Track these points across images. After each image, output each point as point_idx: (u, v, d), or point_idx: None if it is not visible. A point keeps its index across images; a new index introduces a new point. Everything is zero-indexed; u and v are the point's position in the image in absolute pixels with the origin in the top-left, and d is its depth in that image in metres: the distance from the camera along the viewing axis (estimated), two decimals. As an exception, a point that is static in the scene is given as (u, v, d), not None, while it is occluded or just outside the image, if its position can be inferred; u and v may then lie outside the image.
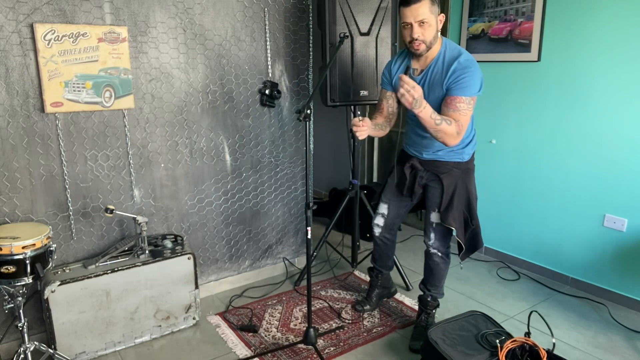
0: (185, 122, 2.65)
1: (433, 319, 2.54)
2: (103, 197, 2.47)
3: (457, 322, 2.33)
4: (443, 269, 2.45)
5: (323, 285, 3.12)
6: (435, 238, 2.36)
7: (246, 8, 2.72)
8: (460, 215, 2.29)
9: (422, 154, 2.30)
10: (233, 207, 2.95)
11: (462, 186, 2.27)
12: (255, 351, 2.40)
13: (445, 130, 1.99)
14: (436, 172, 2.29)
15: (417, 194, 2.40)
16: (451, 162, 2.26)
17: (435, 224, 2.33)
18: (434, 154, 2.26)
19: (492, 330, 2.26)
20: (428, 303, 2.50)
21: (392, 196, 2.50)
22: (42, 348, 2.08)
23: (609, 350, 2.44)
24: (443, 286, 2.52)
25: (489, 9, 3.27)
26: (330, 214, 3.40)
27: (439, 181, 2.28)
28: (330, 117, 4.51)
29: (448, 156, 2.25)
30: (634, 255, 2.80)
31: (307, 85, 3.08)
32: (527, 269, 3.33)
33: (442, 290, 2.52)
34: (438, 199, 2.29)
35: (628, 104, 2.71)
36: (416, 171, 2.34)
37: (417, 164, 2.34)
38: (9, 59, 2.11)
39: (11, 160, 2.20)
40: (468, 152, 2.27)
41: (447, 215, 2.26)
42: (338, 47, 2.45)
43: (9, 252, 1.83)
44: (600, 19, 2.75)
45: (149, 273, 2.43)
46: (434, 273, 2.46)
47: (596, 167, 2.90)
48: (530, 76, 3.13)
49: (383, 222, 2.57)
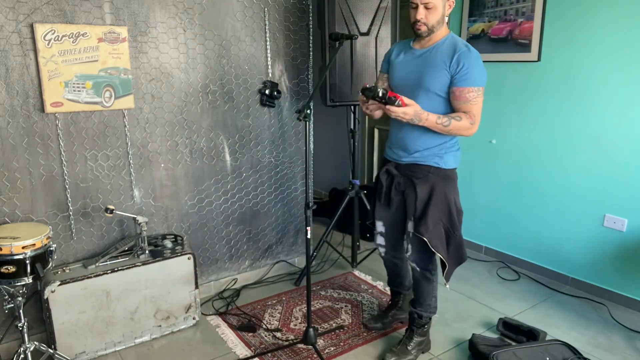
0: (185, 122, 2.65)
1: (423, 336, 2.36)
2: (103, 197, 2.47)
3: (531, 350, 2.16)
4: (425, 286, 2.25)
5: (323, 285, 3.12)
6: (412, 250, 2.18)
7: (246, 8, 2.73)
8: (438, 225, 2.11)
9: (401, 157, 2.16)
10: (233, 207, 2.95)
11: (439, 194, 2.09)
12: (255, 351, 2.40)
13: (457, 127, 1.98)
14: (412, 178, 2.14)
15: (395, 201, 2.23)
16: (429, 167, 2.10)
17: (411, 233, 2.15)
18: (411, 156, 2.12)
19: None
20: (415, 320, 2.32)
21: (381, 211, 2.32)
22: (42, 348, 2.08)
23: (609, 350, 2.44)
24: (432, 304, 2.31)
25: (489, 9, 3.27)
26: (330, 214, 3.40)
27: (414, 187, 2.13)
28: (330, 117, 4.51)
29: (427, 159, 2.11)
30: (634, 255, 2.80)
31: (307, 85, 3.08)
32: (527, 269, 3.33)
33: (430, 308, 2.31)
34: (413, 207, 2.13)
35: (628, 104, 2.71)
36: (392, 177, 2.21)
37: (392, 169, 2.20)
38: (9, 59, 2.11)
39: (11, 160, 2.20)
40: (448, 159, 2.12)
41: (420, 224, 2.10)
42: (338, 47, 2.45)
43: (9, 252, 1.83)
44: (601, 19, 2.75)
45: (149, 273, 2.43)
46: (416, 289, 2.30)
47: (596, 167, 2.90)
48: (530, 76, 3.13)
49: (384, 241, 2.38)
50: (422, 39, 2.06)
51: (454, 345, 2.48)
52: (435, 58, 2.01)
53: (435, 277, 2.28)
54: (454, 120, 1.97)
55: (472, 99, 1.97)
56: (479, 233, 3.65)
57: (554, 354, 2.21)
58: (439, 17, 1.97)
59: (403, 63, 2.12)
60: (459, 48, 1.97)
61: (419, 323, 2.33)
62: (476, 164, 3.56)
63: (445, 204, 2.12)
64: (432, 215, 2.10)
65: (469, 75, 1.95)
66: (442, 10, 1.96)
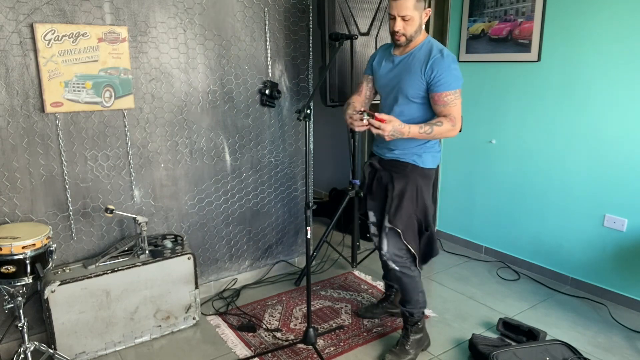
0: (185, 122, 2.65)
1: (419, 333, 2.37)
2: (103, 197, 2.47)
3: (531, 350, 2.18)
4: (408, 283, 2.27)
5: (323, 285, 3.12)
6: (388, 245, 2.23)
7: (246, 8, 2.73)
8: (411, 219, 2.20)
9: (384, 153, 2.26)
10: (233, 207, 2.95)
11: (415, 189, 2.19)
12: (255, 351, 2.40)
13: (440, 131, 2.06)
14: (392, 172, 2.23)
15: (377, 193, 2.32)
16: (408, 163, 2.19)
17: (387, 227, 2.22)
18: (392, 152, 2.22)
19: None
20: (407, 319, 2.35)
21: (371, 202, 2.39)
22: (42, 348, 2.08)
23: (609, 350, 2.44)
24: (420, 300, 2.32)
25: (489, 9, 3.27)
26: (330, 214, 3.40)
27: (393, 181, 2.22)
28: (330, 117, 4.51)
29: (406, 156, 2.19)
30: (634, 255, 2.80)
31: (307, 85, 3.08)
32: (527, 269, 3.33)
33: (418, 305, 2.32)
34: (390, 199, 2.22)
35: (628, 104, 2.71)
36: (375, 171, 2.32)
37: (376, 164, 2.32)
38: (9, 59, 2.11)
39: (11, 160, 2.20)
40: (427, 159, 2.20)
41: (396, 217, 2.18)
42: (338, 47, 2.45)
43: (9, 252, 1.83)
44: (600, 19, 2.75)
45: (149, 273, 2.43)
46: (401, 289, 2.33)
47: (596, 167, 2.90)
48: (530, 76, 3.13)
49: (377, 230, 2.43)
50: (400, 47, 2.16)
51: (454, 345, 2.48)
52: (412, 65, 2.11)
53: (417, 272, 2.29)
54: (436, 127, 2.05)
55: (450, 102, 2.06)
56: (479, 233, 3.65)
57: (554, 354, 2.21)
58: (416, 27, 2.06)
59: (385, 71, 2.23)
60: (432, 55, 2.06)
61: (411, 321, 2.34)
62: (476, 164, 3.56)
63: (421, 199, 2.21)
64: (406, 209, 2.19)
65: (443, 81, 2.03)
66: (419, 21, 2.06)
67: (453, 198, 3.79)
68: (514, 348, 2.23)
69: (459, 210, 3.76)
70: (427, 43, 2.11)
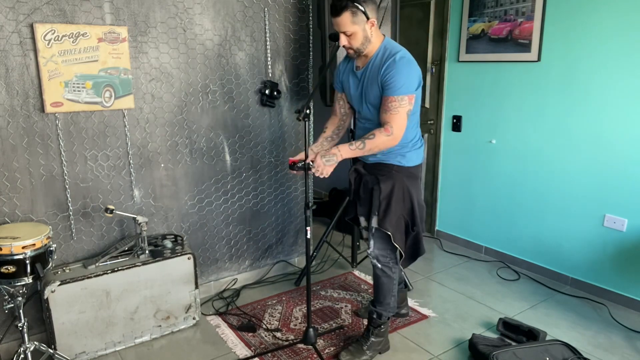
0: (185, 122, 2.65)
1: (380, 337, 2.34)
2: (103, 197, 2.48)
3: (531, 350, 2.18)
4: (385, 283, 2.27)
5: (323, 285, 3.12)
6: (374, 246, 2.24)
7: (246, 8, 2.73)
8: (400, 220, 2.20)
9: (368, 158, 2.24)
10: (233, 207, 2.95)
11: (402, 190, 2.18)
12: (255, 351, 2.40)
13: (374, 144, 2.04)
14: (377, 175, 2.22)
15: (364, 198, 2.30)
16: (393, 165, 2.18)
17: (374, 229, 2.21)
18: (375, 156, 2.20)
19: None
20: (373, 320, 2.31)
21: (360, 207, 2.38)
22: (42, 348, 2.08)
23: (609, 350, 2.44)
24: (391, 304, 2.30)
25: (489, 9, 3.27)
26: (330, 214, 3.40)
27: (379, 184, 2.21)
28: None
29: (390, 159, 2.18)
30: (634, 255, 2.80)
31: (307, 85, 3.08)
32: (527, 269, 3.33)
33: (389, 307, 2.30)
34: (377, 202, 2.20)
35: (628, 104, 2.71)
36: (361, 176, 2.31)
37: (360, 169, 2.31)
38: (9, 59, 2.11)
39: (11, 160, 2.20)
40: (411, 157, 2.19)
41: (385, 219, 2.17)
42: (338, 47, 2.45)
43: (9, 252, 1.83)
44: (600, 19, 2.75)
45: (149, 273, 2.43)
46: (376, 287, 2.31)
47: (596, 167, 2.90)
48: (530, 76, 3.13)
49: None
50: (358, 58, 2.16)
51: (454, 345, 2.48)
52: (371, 74, 2.09)
53: (395, 274, 2.29)
54: (368, 140, 2.04)
55: (392, 109, 2.02)
56: (479, 233, 3.65)
57: (554, 354, 2.21)
58: (362, 40, 2.04)
59: (353, 88, 2.21)
60: (386, 59, 2.03)
61: (376, 322, 2.32)
62: (476, 164, 3.56)
63: (408, 200, 2.20)
64: (394, 210, 2.18)
65: (391, 85, 2.00)
66: (363, 33, 2.02)
67: (453, 198, 3.79)
68: (514, 348, 2.23)
69: (459, 210, 3.76)
70: (382, 49, 2.07)
